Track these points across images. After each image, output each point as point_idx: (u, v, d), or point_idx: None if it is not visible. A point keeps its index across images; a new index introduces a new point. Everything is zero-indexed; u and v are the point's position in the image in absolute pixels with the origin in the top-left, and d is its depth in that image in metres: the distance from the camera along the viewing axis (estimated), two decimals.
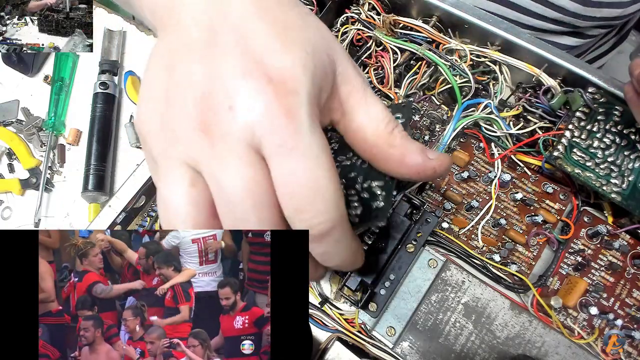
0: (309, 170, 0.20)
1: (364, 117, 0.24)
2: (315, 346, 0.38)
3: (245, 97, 0.20)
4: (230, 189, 0.20)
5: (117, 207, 0.40)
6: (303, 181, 0.20)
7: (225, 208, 0.21)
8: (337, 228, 0.21)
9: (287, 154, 0.20)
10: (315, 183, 0.20)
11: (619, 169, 0.36)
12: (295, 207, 0.20)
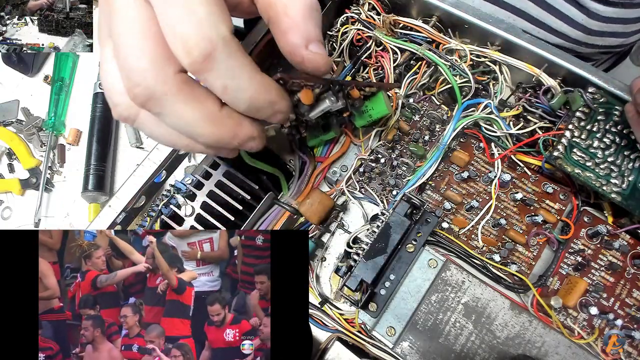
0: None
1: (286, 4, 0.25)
2: (315, 346, 0.38)
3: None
4: (117, 27, 0.22)
5: (117, 207, 0.40)
6: (179, 3, 0.21)
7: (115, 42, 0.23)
8: (219, 49, 0.21)
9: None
10: (189, 6, 0.21)
11: (619, 169, 0.36)
12: (170, 30, 0.21)
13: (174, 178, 0.45)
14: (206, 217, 0.38)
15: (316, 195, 0.39)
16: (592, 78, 0.38)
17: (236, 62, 0.22)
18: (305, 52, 0.26)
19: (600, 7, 0.48)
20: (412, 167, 0.41)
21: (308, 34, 0.26)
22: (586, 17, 0.49)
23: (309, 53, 0.26)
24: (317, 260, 0.41)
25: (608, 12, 0.48)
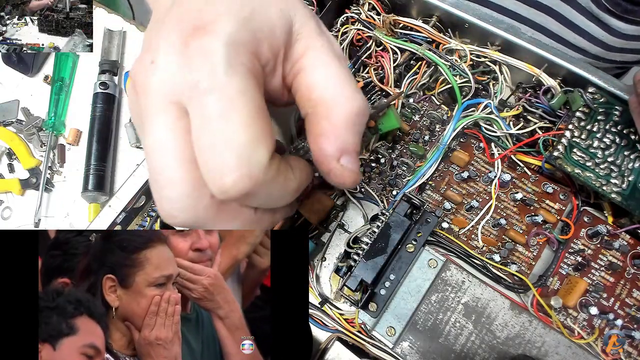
0: (220, 116, 0.18)
1: (319, 76, 0.22)
2: (315, 346, 0.38)
3: (165, 48, 0.19)
4: (147, 148, 0.20)
5: (117, 207, 0.40)
6: (214, 127, 0.19)
7: (147, 163, 0.21)
8: (257, 184, 0.19)
9: (201, 96, 0.19)
10: (226, 131, 0.18)
11: (619, 169, 0.36)
12: (204, 160, 0.19)
13: None
14: None
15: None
16: (592, 78, 0.38)
17: (274, 187, 0.21)
18: (335, 164, 0.23)
19: (622, 25, 0.47)
20: (412, 167, 0.41)
21: (345, 145, 0.23)
22: (607, 34, 0.49)
23: (339, 167, 0.23)
24: (317, 260, 0.41)
25: (629, 30, 0.47)
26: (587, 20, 0.49)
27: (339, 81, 0.22)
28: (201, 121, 0.19)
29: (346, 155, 0.23)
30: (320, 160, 0.23)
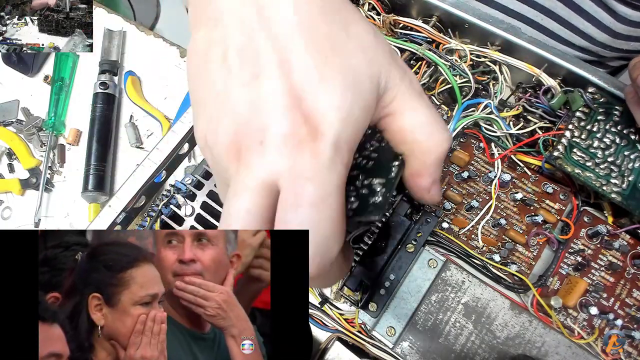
0: (312, 204, 0.20)
1: (412, 119, 0.24)
2: (315, 346, 0.38)
3: (276, 134, 0.20)
4: (227, 211, 0.21)
5: (117, 207, 0.40)
6: (304, 213, 0.20)
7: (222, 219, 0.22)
8: (322, 274, 0.21)
9: (301, 183, 0.20)
10: (313, 220, 0.20)
11: (619, 169, 0.36)
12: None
13: (174, 178, 0.45)
14: (206, 217, 0.38)
15: None
16: (592, 78, 0.38)
17: (331, 275, 0.23)
18: (427, 195, 0.26)
19: (628, 11, 0.48)
20: None
21: (434, 178, 0.25)
22: (614, 20, 0.49)
23: (429, 196, 0.26)
24: None
25: (637, 17, 0.48)
26: (595, 5, 0.49)
27: (433, 125, 0.24)
28: (293, 205, 0.20)
29: (435, 186, 0.26)
30: (416, 192, 0.26)
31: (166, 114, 0.57)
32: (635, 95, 0.33)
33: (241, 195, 0.21)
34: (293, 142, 0.20)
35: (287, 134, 0.20)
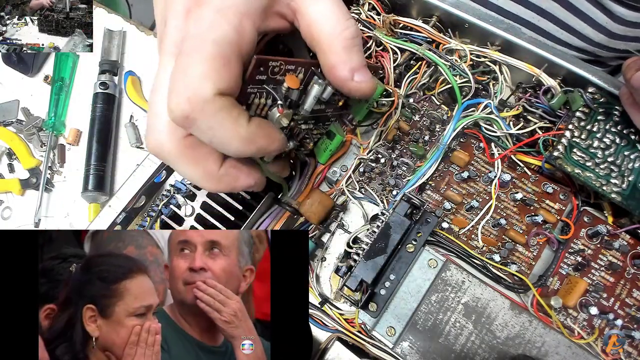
0: (187, 53, 0.23)
1: (313, 15, 0.27)
2: (315, 346, 0.38)
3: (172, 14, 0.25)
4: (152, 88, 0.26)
5: (117, 207, 0.40)
6: (180, 61, 0.23)
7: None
8: (196, 110, 0.23)
9: (184, 41, 0.24)
10: (185, 64, 0.23)
11: (619, 169, 0.36)
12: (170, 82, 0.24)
13: (174, 178, 0.45)
14: (206, 217, 0.38)
15: (316, 195, 0.39)
16: (592, 78, 0.38)
17: (215, 121, 0.24)
18: (352, 84, 0.28)
19: (624, 12, 0.48)
20: (412, 167, 0.41)
21: (352, 65, 0.27)
22: (610, 20, 0.49)
23: (355, 84, 0.28)
24: (317, 260, 0.41)
25: (632, 17, 0.48)
26: (591, 6, 0.49)
27: (331, 15, 0.27)
28: (176, 60, 0.24)
29: (357, 73, 0.28)
30: (340, 85, 0.28)
31: None
32: (630, 96, 0.33)
33: (159, 71, 0.26)
34: (184, 16, 0.25)
35: (180, 11, 0.25)
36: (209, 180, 0.27)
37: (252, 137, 0.25)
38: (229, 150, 0.25)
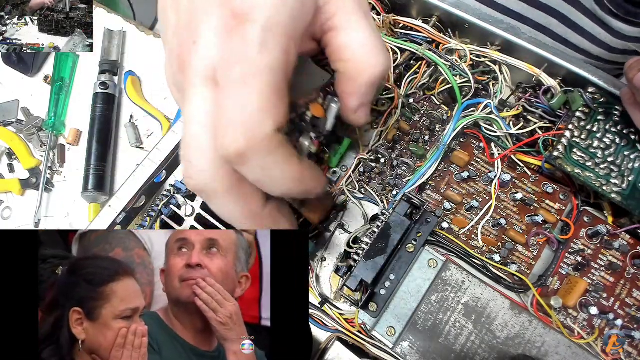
0: (240, 81, 0.20)
1: (352, 40, 0.25)
2: (315, 346, 0.38)
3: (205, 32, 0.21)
4: (185, 117, 0.22)
5: (117, 207, 0.40)
6: (233, 91, 0.20)
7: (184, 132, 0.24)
8: (253, 148, 0.21)
9: (230, 67, 0.21)
10: (242, 96, 0.20)
11: (619, 169, 0.36)
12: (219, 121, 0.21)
13: (174, 178, 0.45)
14: (206, 217, 0.38)
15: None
16: (592, 78, 0.38)
17: (271, 160, 0.22)
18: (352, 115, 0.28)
19: (624, 27, 0.47)
20: (412, 167, 0.41)
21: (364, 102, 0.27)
22: (609, 35, 0.49)
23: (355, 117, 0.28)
24: (317, 260, 0.41)
25: (631, 32, 0.48)
26: (590, 21, 0.49)
27: (370, 45, 0.25)
28: (224, 88, 0.21)
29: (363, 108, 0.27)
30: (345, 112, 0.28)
31: (166, 114, 0.57)
32: (632, 96, 0.33)
33: (191, 98, 0.22)
34: (223, 33, 0.21)
35: (217, 27, 0.21)
36: (251, 220, 0.25)
37: (302, 178, 0.24)
38: (278, 190, 0.23)
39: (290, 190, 0.24)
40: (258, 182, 0.23)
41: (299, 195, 0.25)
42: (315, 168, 0.26)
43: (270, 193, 0.24)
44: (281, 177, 0.23)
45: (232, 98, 0.20)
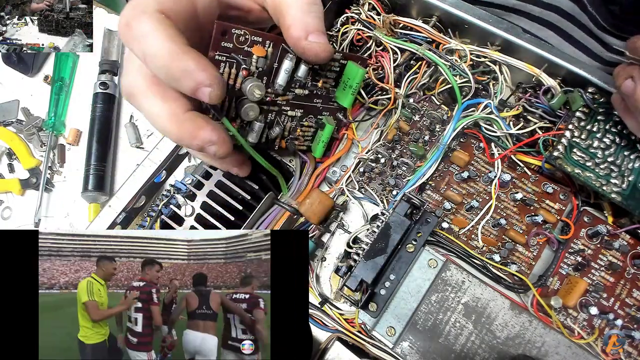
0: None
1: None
2: (315, 346, 0.38)
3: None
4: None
5: (117, 207, 0.40)
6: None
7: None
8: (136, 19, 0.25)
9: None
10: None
11: (619, 169, 0.36)
12: None
13: (174, 178, 0.45)
14: (206, 217, 0.38)
15: (316, 195, 0.39)
16: (592, 78, 0.38)
17: (150, 30, 0.25)
18: (304, 42, 0.29)
19: (616, 41, 0.48)
20: (412, 167, 0.41)
21: (307, 27, 0.29)
22: (605, 50, 0.50)
23: (308, 43, 0.29)
24: (317, 260, 0.41)
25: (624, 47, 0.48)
26: (586, 35, 0.50)
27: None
28: None
29: (311, 34, 0.29)
30: (295, 44, 0.30)
31: None
32: (622, 102, 0.33)
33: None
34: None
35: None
36: (172, 120, 0.27)
37: (182, 54, 0.25)
38: (158, 63, 0.25)
39: (169, 65, 0.25)
40: (143, 55, 0.25)
41: (182, 77, 0.26)
42: (202, 56, 0.27)
43: (154, 70, 0.26)
44: (160, 48, 0.25)
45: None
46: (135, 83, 0.27)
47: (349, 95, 0.37)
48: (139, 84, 0.27)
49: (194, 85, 0.26)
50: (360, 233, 0.39)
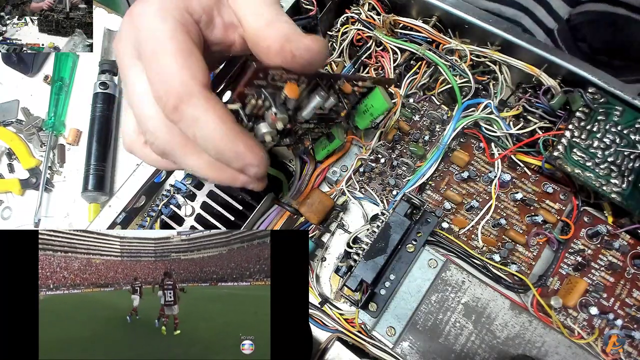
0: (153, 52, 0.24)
1: (250, 21, 0.27)
2: (315, 346, 0.38)
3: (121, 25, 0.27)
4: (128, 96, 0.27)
5: (117, 207, 0.40)
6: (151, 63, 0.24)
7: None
8: (184, 101, 0.23)
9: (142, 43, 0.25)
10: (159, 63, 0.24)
11: (619, 169, 0.36)
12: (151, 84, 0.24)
13: (174, 178, 0.45)
14: (206, 217, 0.38)
15: (316, 195, 0.39)
16: (592, 78, 0.38)
17: (201, 112, 0.24)
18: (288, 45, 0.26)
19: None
20: (412, 167, 0.41)
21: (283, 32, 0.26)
22: None
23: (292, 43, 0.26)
24: (317, 260, 0.41)
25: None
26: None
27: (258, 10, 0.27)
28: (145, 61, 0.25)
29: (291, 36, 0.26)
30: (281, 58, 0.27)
31: None
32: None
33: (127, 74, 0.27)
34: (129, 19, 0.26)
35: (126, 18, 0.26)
36: (212, 169, 0.27)
37: (234, 138, 0.25)
38: (209, 146, 0.25)
39: (221, 149, 0.25)
40: (194, 137, 0.25)
41: (232, 159, 0.25)
42: (251, 137, 0.26)
43: (205, 150, 0.26)
44: (211, 130, 0.24)
45: (153, 68, 0.24)
46: (170, 143, 0.26)
47: (366, 120, 0.37)
48: (174, 142, 0.26)
49: (242, 166, 0.26)
50: (360, 233, 0.39)
